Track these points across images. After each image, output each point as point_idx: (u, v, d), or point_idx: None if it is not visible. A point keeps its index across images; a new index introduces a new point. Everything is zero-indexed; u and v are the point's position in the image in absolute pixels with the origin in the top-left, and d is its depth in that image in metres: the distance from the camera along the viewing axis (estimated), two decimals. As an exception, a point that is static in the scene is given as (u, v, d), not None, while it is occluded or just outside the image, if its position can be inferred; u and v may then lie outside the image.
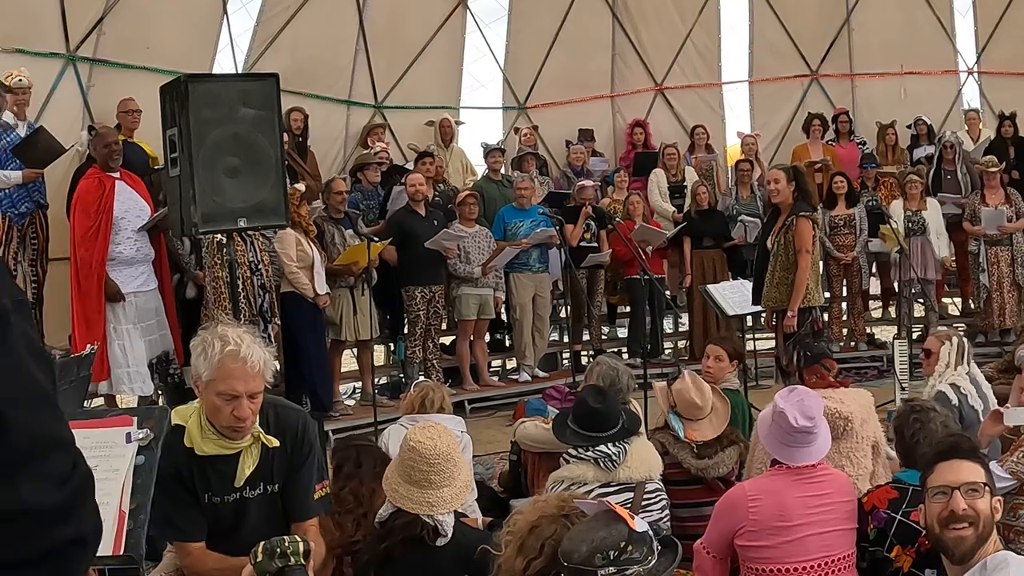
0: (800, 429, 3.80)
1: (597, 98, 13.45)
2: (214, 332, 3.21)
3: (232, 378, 3.12)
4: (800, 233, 7.44)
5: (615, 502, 4.24)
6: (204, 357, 3.16)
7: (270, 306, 7.84)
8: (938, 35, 13.51)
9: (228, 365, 3.12)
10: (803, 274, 7.43)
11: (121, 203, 7.58)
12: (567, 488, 4.31)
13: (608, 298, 11.22)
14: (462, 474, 3.72)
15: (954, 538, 2.99)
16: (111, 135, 7.90)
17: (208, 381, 3.15)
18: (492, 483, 6.58)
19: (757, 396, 8.45)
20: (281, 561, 2.70)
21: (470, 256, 9.57)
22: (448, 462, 3.64)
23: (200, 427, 3.21)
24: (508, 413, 9.05)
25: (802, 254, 7.43)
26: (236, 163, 6.07)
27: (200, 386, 3.18)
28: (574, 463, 4.40)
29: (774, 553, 3.68)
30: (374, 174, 10.16)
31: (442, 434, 3.73)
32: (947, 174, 11.48)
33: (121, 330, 7.59)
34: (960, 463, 3.08)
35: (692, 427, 4.83)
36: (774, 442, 3.88)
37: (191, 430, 3.21)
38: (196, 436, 3.20)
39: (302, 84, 10.74)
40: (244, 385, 3.12)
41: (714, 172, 12.11)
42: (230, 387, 3.11)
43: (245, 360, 3.12)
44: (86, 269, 7.50)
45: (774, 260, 7.59)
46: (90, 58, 9.58)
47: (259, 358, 3.16)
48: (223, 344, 3.13)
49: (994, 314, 10.76)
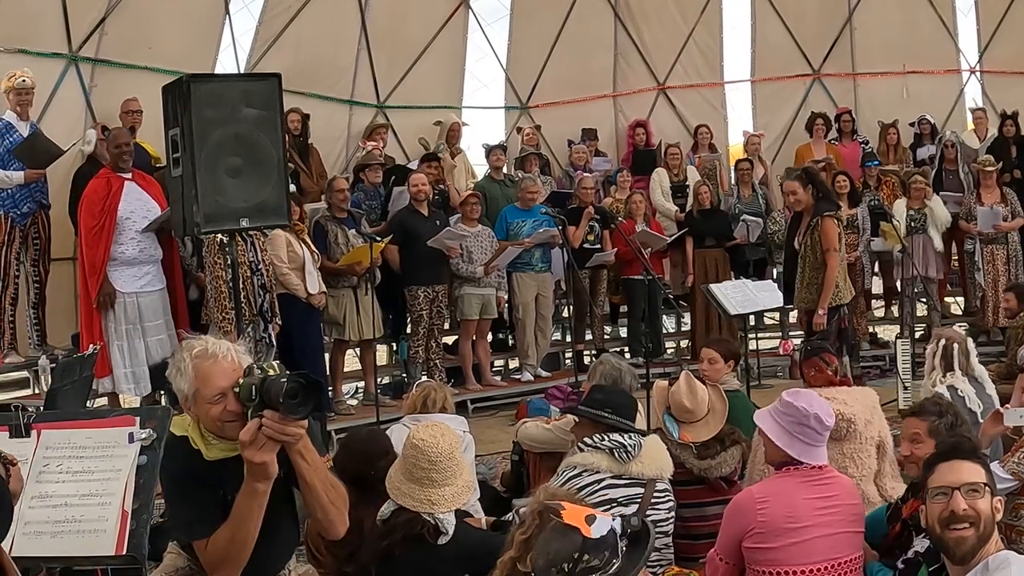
0: (815, 425, 3.79)
1: (599, 98, 13.45)
2: (179, 350, 3.18)
3: (211, 377, 3.05)
4: (826, 232, 7.57)
5: (624, 496, 4.27)
6: (180, 373, 3.09)
7: (270, 306, 7.83)
8: (940, 34, 13.49)
9: (201, 367, 3.06)
10: (832, 272, 7.59)
11: (127, 204, 7.57)
12: (578, 475, 4.31)
13: (610, 298, 11.21)
14: (463, 473, 3.72)
15: (955, 539, 2.99)
16: (122, 136, 7.92)
17: (193, 393, 3.08)
18: (494, 483, 6.57)
19: (760, 395, 8.45)
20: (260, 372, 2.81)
21: (472, 256, 9.57)
22: (450, 460, 3.64)
23: (201, 435, 3.19)
24: (511, 413, 9.06)
25: (830, 253, 7.58)
26: (238, 163, 6.08)
27: (189, 405, 3.11)
28: (589, 451, 4.38)
29: (781, 555, 3.68)
30: (376, 174, 10.16)
31: (445, 433, 3.73)
32: (948, 174, 11.48)
33: (121, 331, 7.59)
34: (960, 463, 3.08)
35: (686, 429, 4.83)
36: (780, 435, 3.83)
37: (194, 438, 3.19)
38: (200, 444, 3.18)
39: (304, 84, 10.75)
40: (226, 379, 3.06)
41: (717, 172, 12.10)
42: (214, 387, 3.04)
43: (215, 355, 3.07)
44: (90, 268, 7.52)
45: (802, 262, 7.72)
46: (92, 58, 9.59)
47: (227, 348, 3.11)
48: (189, 352, 3.09)
49: (990, 313, 10.76)
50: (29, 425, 3.32)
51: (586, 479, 4.30)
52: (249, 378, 2.89)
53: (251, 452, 2.88)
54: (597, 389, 4.80)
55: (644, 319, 10.59)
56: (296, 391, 2.81)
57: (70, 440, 3.30)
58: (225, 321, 7.48)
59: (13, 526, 3.09)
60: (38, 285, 8.45)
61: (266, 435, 2.86)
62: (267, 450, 2.89)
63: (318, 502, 3.10)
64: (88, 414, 4.29)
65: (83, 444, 3.30)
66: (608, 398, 4.60)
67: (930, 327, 10.45)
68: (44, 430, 3.32)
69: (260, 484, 2.93)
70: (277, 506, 3.10)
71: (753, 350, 10.17)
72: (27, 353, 8.49)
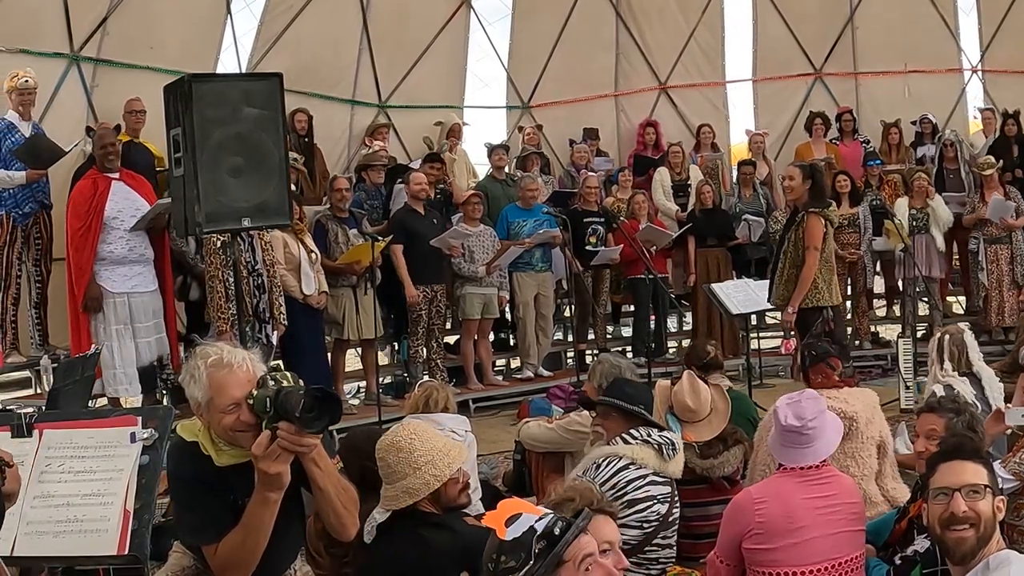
0: (789, 428, 3.82)
1: (601, 97, 13.44)
2: (194, 356, 3.17)
3: (226, 387, 3.05)
4: (809, 229, 7.30)
5: (660, 494, 4.35)
6: (194, 381, 3.09)
7: (267, 307, 7.78)
8: (942, 33, 13.48)
9: (216, 376, 3.06)
10: (809, 271, 7.30)
11: (115, 203, 7.55)
12: (625, 467, 4.32)
13: (612, 297, 11.21)
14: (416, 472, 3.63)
15: (955, 539, 2.99)
16: (107, 136, 7.88)
17: (207, 401, 3.07)
18: (496, 482, 6.57)
19: (762, 395, 8.45)
20: (274, 383, 2.78)
21: (474, 255, 9.57)
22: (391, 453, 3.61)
23: (212, 442, 3.18)
24: (512, 412, 9.07)
25: (810, 251, 7.30)
26: (240, 163, 6.08)
27: (203, 413, 3.11)
28: (637, 445, 4.39)
29: (781, 556, 3.68)
30: (377, 174, 10.15)
31: (400, 428, 3.72)
32: (949, 173, 11.47)
33: (111, 331, 7.56)
34: (962, 464, 3.08)
35: (689, 428, 4.83)
36: (774, 443, 3.91)
37: (204, 444, 3.18)
38: (211, 450, 3.17)
39: (306, 84, 10.74)
40: (240, 390, 3.05)
41: (719, 171, 12.10)
42: (228, 397, 3.04)
43: (231, 365, 3.07)
44: (76, 271, 7.51)
45: (784, 257, 7.48)
46: (94, 58, 9.59)
47: (242, 358, 3.11)
48: (204, 360, 3.09)
49: (993, 312, 10.74)
50: (31, 425, 3.32)
51: (633, 472, 4.33)
52: (263, 390, 2.88)
53: (265, 463, 2.89)
54: (626, 383, 4.79)
55: (655, 317, 10.60)
56: (313, 405, 2.81)
57: (72, 440, 3.30)
58: (221, 321, 7.46)
59: (15, 526, 3.10)
60: (40, 285, 8.45)
61: (281, 447, 2.87)
62: (281, 461, 2.90)
63: (331, 507, 3.12)
64: (90, 414, 4.29)
65: (85, 444, 3.30)
66: (638, 393, 4.65)
67: (932, 327, 10.44)
68: (46, 430, 3.32)
69: (272, 493, 2.95)
70: (285, 506, 3.10)
71: (755, 349, 10.17)
72: (29, 353, 8.49)
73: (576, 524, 2.63)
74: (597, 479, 4.26)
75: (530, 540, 2.56)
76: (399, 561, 3.55)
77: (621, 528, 3.87)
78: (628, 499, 4.28)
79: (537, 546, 2.55)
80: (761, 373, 10.07)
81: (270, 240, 7.91)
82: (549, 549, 2.55)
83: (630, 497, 4.29)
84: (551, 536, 2.57)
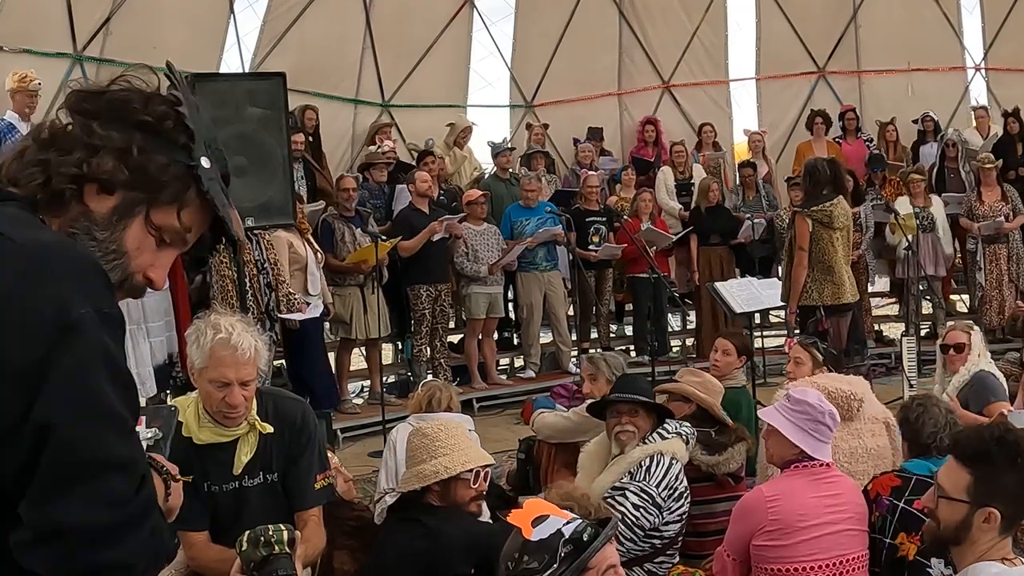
0: (836, 423, 3.88)
1: (604, 96, 13.44)
2: (207, 320, 3.27)
3: (223, 366, 3.17)
4: (797, 229, 7.41)
5: (686, 488, 4.39)
6: (197, 345, 3.21)
7: (276, 304, 7.80)
8: (945, 31, 13.48)
9: (219, 353, 3.17)
10: (798, 271, 7.37)
11: None
12: (671, 465, 4.34)
13: (615, 296, 11.20)
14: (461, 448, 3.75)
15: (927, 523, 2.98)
16: None
17: (201, 369, 3.21)
18: (500, 481, 6.57)
19: (765, 393, 8.44)
20: (266, 549, 2.65)
21: (479, 255, 9.56)
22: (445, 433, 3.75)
23: (197, 416, 3.29)
24: (516, 411, 9.05)
25: (798, 251, 7.38)
26: (243, 162, 6.06)
27: (195, 374, 3.25)
28: (672, 439, 4.44)
29: (789, 552, 3.70)
30: (380, 173, 10.14)
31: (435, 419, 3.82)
32: (950, 172, 11.45)
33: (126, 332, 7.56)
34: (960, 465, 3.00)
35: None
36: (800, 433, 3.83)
37: (188, 419, 3.28)
38: (192, 425, 3.28)
39: (309, 83, 10.75)
40: (235, 372, 3.16)
41: (721, 170, 12.09)
42: (221, 374, 3.16)
43: (235, 348, 3.17)
44: None
45: (786, 257, 7.62)
46: (97, 58, 9.61)
47: (249, 345, 3.20)
48: (215, 332, 3.19)
49: (992, 312, 10.73)
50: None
51: (676, 468, 4.40)
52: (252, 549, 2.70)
53: None
54: (634, 379, 4.89)
55: (650, 317, 10.58)
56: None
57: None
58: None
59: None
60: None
61: None
62: None
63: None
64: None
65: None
66: (647, 386, 4.76)
67: (935, 325, 10.43)
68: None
69: None
70: (267, 510, 3.17)
71: (758, 348, 10.16)
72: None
73: (605, 533, 2.63)
74: (651, 482, 4.29)
75: (556, 543, 2.56)
76: (406, 548, 3.58)
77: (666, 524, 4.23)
78: (676, 495, 4.37)
79: (563, 550, 2.55)
80: (765, 372, 10.06)
81: (271, 240, 7.92)
82: (576, 555, 2.54)
83: (677, 493, 4.38)
84: (579, 542, 2.56)
